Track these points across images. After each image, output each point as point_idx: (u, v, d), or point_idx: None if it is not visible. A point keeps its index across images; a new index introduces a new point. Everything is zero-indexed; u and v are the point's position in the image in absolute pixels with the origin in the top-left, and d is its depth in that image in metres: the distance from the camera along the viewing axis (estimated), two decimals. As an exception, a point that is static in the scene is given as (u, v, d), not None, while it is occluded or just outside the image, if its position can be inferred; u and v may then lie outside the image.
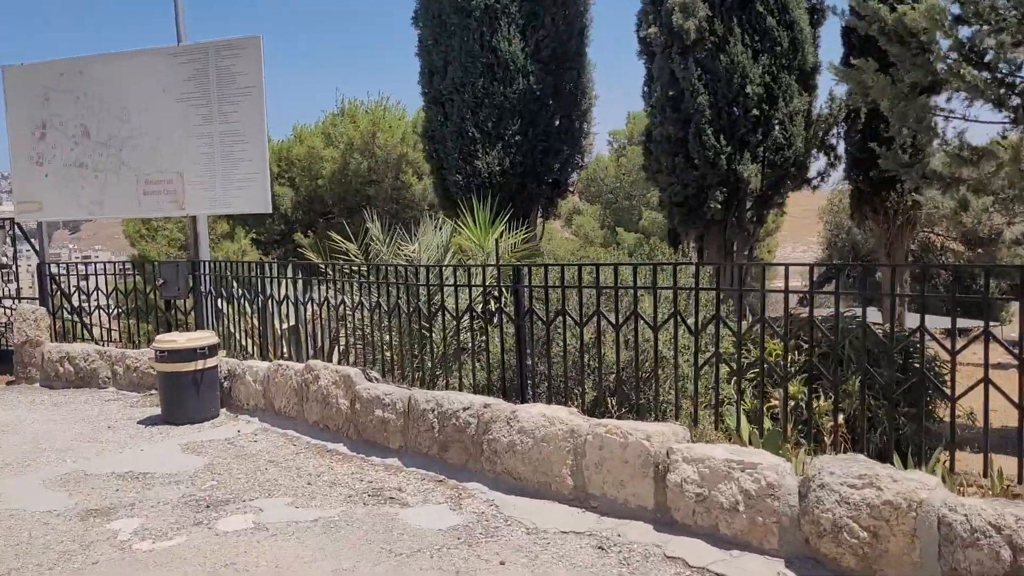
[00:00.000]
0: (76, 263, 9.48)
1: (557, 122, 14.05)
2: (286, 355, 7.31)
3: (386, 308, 5.99)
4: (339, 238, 7.49)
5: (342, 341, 6.96)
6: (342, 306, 6.44)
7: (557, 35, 13.72)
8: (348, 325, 6.69)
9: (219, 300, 7.77)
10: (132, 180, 8.62)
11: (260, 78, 8.12)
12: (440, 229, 7.76)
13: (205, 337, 6.64)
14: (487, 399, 4.84)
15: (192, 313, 8.14)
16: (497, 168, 13.21)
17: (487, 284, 5.36)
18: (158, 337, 6.69)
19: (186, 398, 6.47)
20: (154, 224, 21.60)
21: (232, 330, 7.71)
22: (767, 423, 4.91)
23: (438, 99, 13.69)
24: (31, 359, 8.63)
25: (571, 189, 16.23)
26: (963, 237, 22.17)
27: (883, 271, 13.69)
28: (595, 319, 4.63)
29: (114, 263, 9.54)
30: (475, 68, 13.14)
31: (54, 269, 9.11)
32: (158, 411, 6.80)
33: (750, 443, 4.29)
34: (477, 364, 5.45)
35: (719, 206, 11.38)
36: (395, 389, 5.42)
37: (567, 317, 4.76)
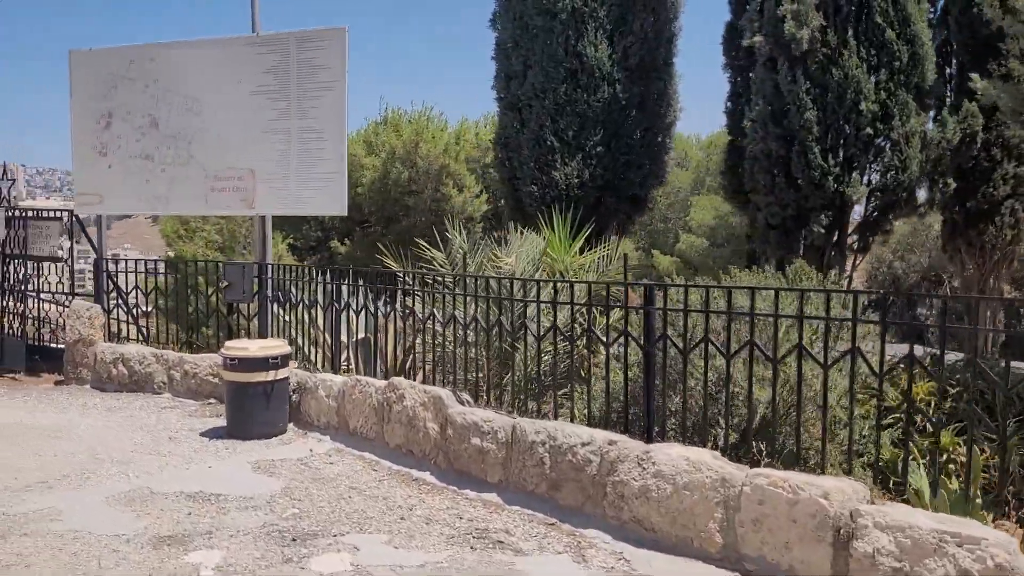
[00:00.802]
0: (130, 260, 9.27)
1: (639, 134, 13.58)
2: (351, 368, 6.98)
3: (484, 325, 5.60)
4: (426, 245, 7.15)
5: (410, 358, 6.61)
6: (430, 320, 6.06)
7: (645, 42, 13.26)
8: (423, 341, 6.31)
9: (286, 306, 7.48)
10: (200, 175, 8.41)
11: (343, 72, 7.88)
12: (531, 240, 7.39)
13: (278, 346, 6.32)
14: (610, 435, 4.40)
15: (256, 319, 7.86)
16: (576, 180, 12.77)
17: (612, 304, 4.92)
18: (228, 343, 6.40)
19: (255, 411, 6.16)
20: (192, 225, 21.76)
21: (300, 340, 7.40)
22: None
23: (515, 105, 13.30)
24: (83, 359, 8.42)
25: (650, 206, 15.71)
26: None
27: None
28: (746, 350, 4.15)
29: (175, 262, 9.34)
30: (557, 73, 12.75)
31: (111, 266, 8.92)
32: (220, 422, 6.52)
33: (932, 507, 3.78)
34: (589, 393, 5.01)
35: (822, 230, 10.83)
36: (495, 416, 5.01)
37: (709, 346, 4.29)
